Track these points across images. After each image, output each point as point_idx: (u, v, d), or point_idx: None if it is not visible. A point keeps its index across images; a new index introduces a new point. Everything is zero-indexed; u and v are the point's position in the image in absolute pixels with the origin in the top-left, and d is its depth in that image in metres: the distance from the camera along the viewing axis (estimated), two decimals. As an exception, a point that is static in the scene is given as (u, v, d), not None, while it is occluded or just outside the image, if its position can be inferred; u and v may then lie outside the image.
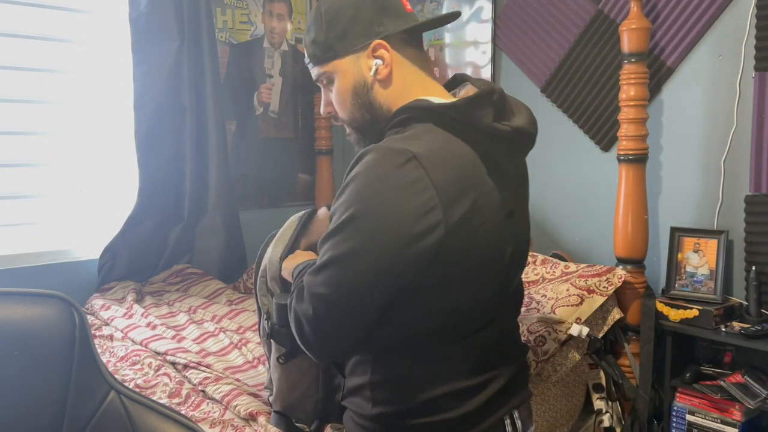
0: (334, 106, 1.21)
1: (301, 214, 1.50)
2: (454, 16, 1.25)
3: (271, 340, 1.42)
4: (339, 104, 1.20)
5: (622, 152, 2.19)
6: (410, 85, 1.15)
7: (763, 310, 2.03)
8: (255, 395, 1.67)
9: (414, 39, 1.17)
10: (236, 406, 1.59)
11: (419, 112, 1.10)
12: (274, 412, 1.50)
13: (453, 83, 1.26)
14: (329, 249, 1.03)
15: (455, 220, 1.02)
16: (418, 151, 1.01)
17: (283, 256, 1.36)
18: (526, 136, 1.15)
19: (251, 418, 1.54)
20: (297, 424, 1.46)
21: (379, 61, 1.13)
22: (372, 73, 1.13)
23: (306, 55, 1.21)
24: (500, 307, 1.18)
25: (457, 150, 1.06)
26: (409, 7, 1.17)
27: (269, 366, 1.54)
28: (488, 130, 1.08)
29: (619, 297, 2.17)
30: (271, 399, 1.55)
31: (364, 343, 1.09)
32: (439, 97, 1.15)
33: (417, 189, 0.99)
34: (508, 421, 1.17)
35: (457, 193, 1.03)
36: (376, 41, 1.12)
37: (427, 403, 1.11)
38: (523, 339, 1.88)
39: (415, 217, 0.99)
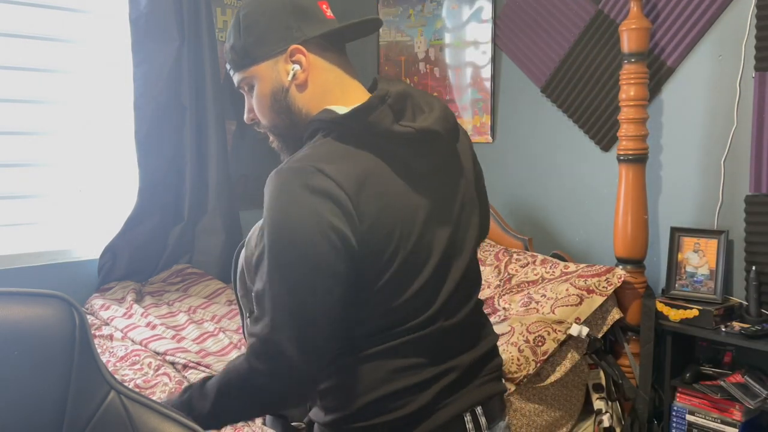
0: (256, 113, 1.23)
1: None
2: (375, 23, 1.24)
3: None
4: (259, 110, 1.21)
5: (622, 152, 2.19)
6: (329, 90, 1.16)
7: (763, 310, 2.03)
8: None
9: (334, 44, 1.17)
10: (236, 406, 1.59)
11: (322, 124, 1.12)
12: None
13: (373, 85, 1.25)
14: (263, 288, 1.05)
15: (365, 220, 1.04)
16: (320, 164, 1.03)
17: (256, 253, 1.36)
18: (433, 135, 1.13)
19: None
20: (293, 424, 1.46)
21: (297, 66, 1.13)
22: (289, 77, 1.14)
23: (227, 61, 1.23)
24: (440, 303, 1.15)
25: (358, 159, 1.08)
26: (329, 14, 1.16)
27: None
28: (387, 135, 1.08)
29: (619, 297, 2.17)
30: None
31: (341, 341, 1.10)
32: (356, 100, 1.15)
33: (328, 198, 1.01)
34: (468, 418, 1.16)
35: (366, 195, 1.04)
36: (294, 46, 1.13)
37: (370, 405, 1.11)
38: (522, 339, 1.89)
39: (328, 224, 1.01)
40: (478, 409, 1.17)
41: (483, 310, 1.31)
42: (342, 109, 1.12)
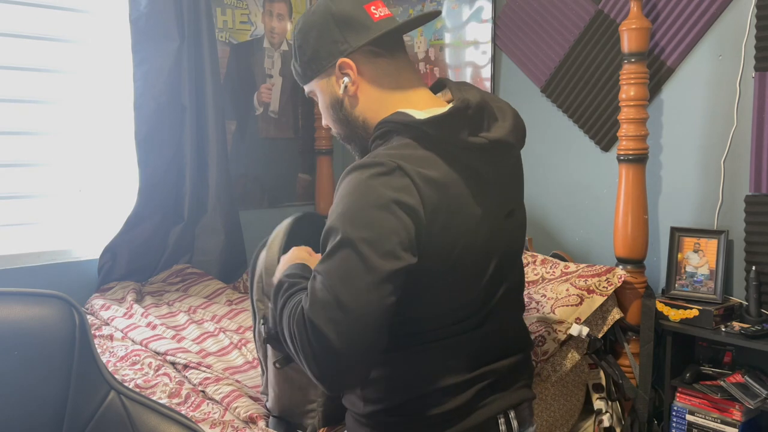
0: (323, 119, 1.29)
1: (291, 218, 1.51)
2: (431, 15, 1.27)
3: (267, 345, 1.42)
4: (325, 119, 1.27)
5: (622, 152, 2.19)
6: (386, 97, 1.18)
7: (763, 310, 2.03)
8: (255, 398, 1.67)
9: (385, 48, 1.18)
10: (236, 408, 1.59)
11: (397, 126, 1.13)
12: (273, 416, 1.50)
13: (437, 86, 1.29)
14: (323, 275, 1.03)
15: (435, 225, 1.05)
16: (401, 162, 1.05)
17: (278, 260, 1.36)
18: (505, 146, 1.16)
19: (251, 421, 1.54)
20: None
21: (347, 79, 1.17)
22: (341, 90, 1.18)
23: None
24: (490, 308, 1.18)
25: (433, 165, 1.09)
26: (377, 16, 1.17)
27: (264, 371, 1.54)
28: (463, 145, 1.10)
29: (619, 297, 2.17)
30: (268, 405, 1.55)
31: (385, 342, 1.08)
32: (423, 103, 1.18)
33: (403, 192, 1.03)
34: (502, 420, 1.18)
35: (437, 200, 1.06)
36: (341, 60, 1.16)
37: (411, 401, 1.14)
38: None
39: (399, 216, 1.02)
40: (511, 413, 1.20)
41: (523, 317, 1.35)
42: (417, 114, 1.13)
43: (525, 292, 2.16)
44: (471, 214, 1.11)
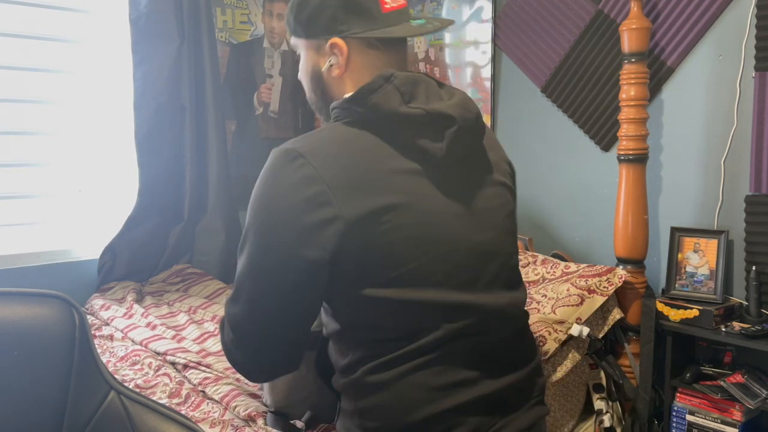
0: (299, 77, 1.23)
1: None
2: (446, 23, 1.24)
3: None
4: (302, 80, 1.21)
5: (622, 152, 2.19)
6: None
7: (763, 310, 2.03)
8: (254, 395, 1.67)
9: (381, 41, 1.12)
10: (235, 407, 1.59)
11: (336, 111, 1.09)
12: (270, 412, 1.50)
13: None
14: (239, 267, 1.09)
15: (357, 216, 0.98)
16: (306, 150, 1.01)
17: None
18: (446, 119, 1.04)
19: (250, 419, 1.53)
20: (291, 422, 1.45)
21: (334, 60, 1.11)
22: (325, 68, 1.13)
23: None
24: (478, 315, 1.06)
25: (360, 147, 1.03)
26: (388, 6, 1.11)
27: None
28: (392, 116, 1.02)
29: (620, 297, 2.17)
30: (265, 401, 1.54)
31: (295, 361, 1.12)
32: None
33: (304, 184, 0.99)
34: None
35: (355, 190, 0.99)
36: (333, 39, 1.10)
37: (414, 426, 1.03)
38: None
39: (303, 210, 0.99)
40: None
41: (528, 324, 1.22)
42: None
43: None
44: (419, 193, 1.02)
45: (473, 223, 1.08)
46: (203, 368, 1.84)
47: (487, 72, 2.77)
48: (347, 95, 1.08)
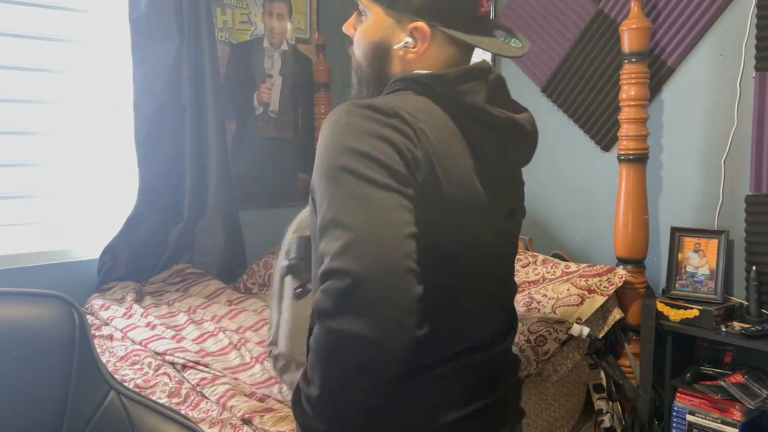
0: (355, 39, 1.08)
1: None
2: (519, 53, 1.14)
3: (285, 280, 1.36)
4: (357, 44, 1.07)
5: (622, 152, 2.19)
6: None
7: (763, 310, 2.03)
8: (251, 395, 1.67)
9: (463, 43, 1.03)
10: (231, 407, 1.60)
11: (406, 83, 0.98)
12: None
13: None
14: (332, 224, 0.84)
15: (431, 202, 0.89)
16: (401, 111, 0.90)
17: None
18: (521, 131, 1.02)
19: (246, 422, 1.54)
20: None
21: (411, 42, 1.00)
22: (396, 47, 1.01)
23: None
24: (493, 326, 1.03)
25: (435, 115, 0.94)
26: (484, 9, 1.03)
27: (275, 317, 1.48)
28: (476, 112, 0.96)
29: (620, 297, 2.17)
30: (276, 352, 1.49)
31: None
32: None
33: (403, 136, 0.88)
34: None
35: (437, 153, 0.91)
36: (419, 24, 0.99)
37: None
38: (523, 338, 1.88)
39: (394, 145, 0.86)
40: None
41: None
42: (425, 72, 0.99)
43: (525, 292, 2.16)
44: (471, 206, 0.96)
45: (503, 236, 1.08)
46: (201, 368, 1.85)
47: (487, 72, 2.77)
48: (427, 72, 0.98)
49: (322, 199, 0.87)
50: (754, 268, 2.03)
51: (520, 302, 2.14)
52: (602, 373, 2.11)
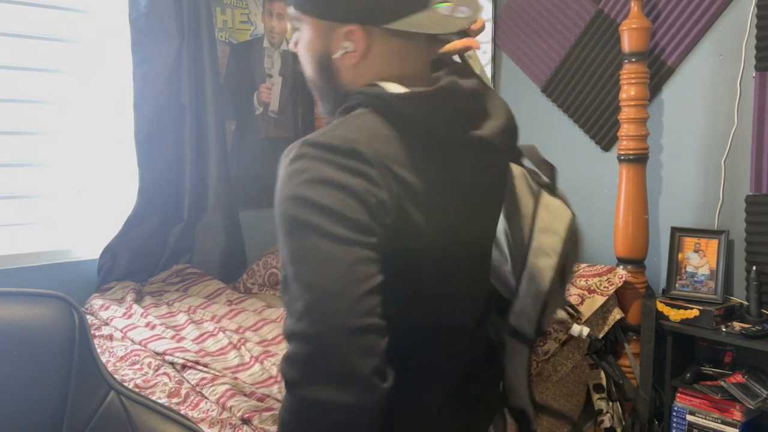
0: (299, 56, 1.04)
1: None
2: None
3: None
4: (302, 60, 1.03)
5: (622, 152, 2.19)
6: (383, 74, 0.96)
7: (763, 310, 2.03)
8: (251, 395, 1.67)
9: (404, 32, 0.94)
10: (231, 407, 1.60)
11: (367, 98, 0.92)
12: None
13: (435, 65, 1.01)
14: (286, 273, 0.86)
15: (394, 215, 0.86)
16: (358, 146, 0.85)
17: None
18: (489, 147, 0.96)
19: (245, 422, 1.54)
20: None
21: (350, 47, 0.94)
22: (337, 55, 0.95)
23: None
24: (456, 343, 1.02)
25: (403, 141, 0.89)
26: None
27: None
28: (444, 141, 0.92)
29: (620, 297, 2.17)
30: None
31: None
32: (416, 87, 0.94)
33: (360, 176, 0.84)
34: None
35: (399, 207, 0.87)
36: (351, 27, 0.93)
37: None
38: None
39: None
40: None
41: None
42: (398, 89, 0.92)
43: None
44: (447, 232, 0.94)
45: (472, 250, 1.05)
46: (201, 368, 1.84)
47: (487, 72, 2.77)
48: (400, 91, 0.92)
49: (282, 247, 0.87)
50: (754, 268, 2.03)
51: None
52: (602, 373, 2.11)
